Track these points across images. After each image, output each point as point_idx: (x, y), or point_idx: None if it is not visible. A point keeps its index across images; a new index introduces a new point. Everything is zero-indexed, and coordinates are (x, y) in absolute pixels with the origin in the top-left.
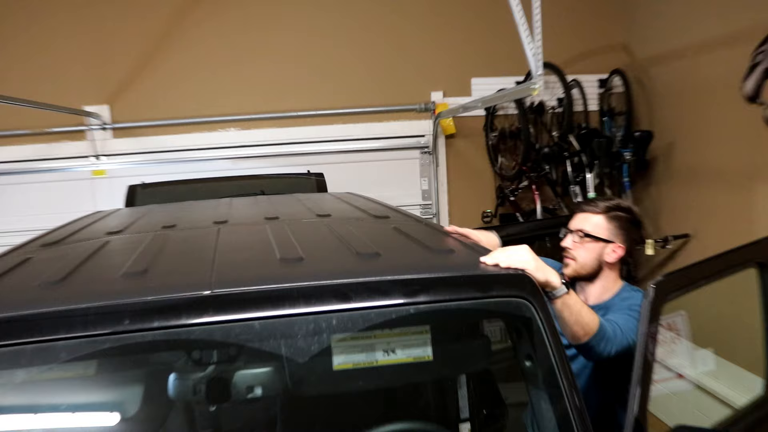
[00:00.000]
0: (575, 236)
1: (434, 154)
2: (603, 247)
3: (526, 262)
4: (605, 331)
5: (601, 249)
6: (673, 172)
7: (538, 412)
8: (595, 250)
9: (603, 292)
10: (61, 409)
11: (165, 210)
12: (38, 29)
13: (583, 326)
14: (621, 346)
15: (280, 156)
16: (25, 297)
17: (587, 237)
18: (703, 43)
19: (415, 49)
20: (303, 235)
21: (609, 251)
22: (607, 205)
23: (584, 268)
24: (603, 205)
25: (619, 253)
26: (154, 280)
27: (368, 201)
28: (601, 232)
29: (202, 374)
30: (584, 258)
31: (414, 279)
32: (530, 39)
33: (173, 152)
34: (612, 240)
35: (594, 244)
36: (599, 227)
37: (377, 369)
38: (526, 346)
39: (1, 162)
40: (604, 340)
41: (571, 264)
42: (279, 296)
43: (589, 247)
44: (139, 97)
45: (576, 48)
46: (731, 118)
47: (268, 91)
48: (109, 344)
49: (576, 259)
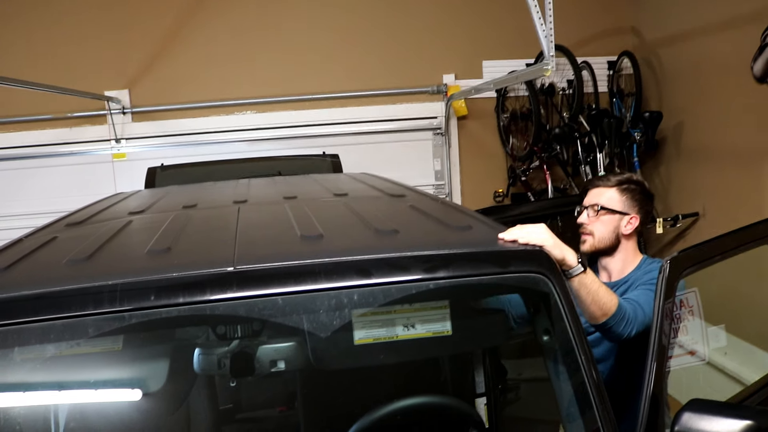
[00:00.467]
0: (590, 211)
1: (446, 135)
2: (619, 219)
3: (543, 239)
4: (624, 312)
5: (618, 221)
6: (682, 152)
7: (556, 386)
8: (612, 222)
9: (624, 266)
10: (88, 383)
11: (185, 191)
12: (61, 18)
13: (600, 306)
14: (643, 325)
15: (296, 138)
16: (53, 274)
17: (603, 210)
18: (711, 24)
19: (428, 33)
20: (322, 214)
21: (625, 223)
22: (619, 179)
23: (602, 242)
24: (615, 179)
25: (635, 224)
26: (178, 257)
27: (384, 180)
28: (616, 204)
29: (226, 349)
30: (601, 232)
31: (433, 255)
32: (542, 21)
33: (191, 135)
34: (627, 212)
35: (610, 217)
36: (613, 200)
37: (397, 343)
38: (543, 321)
39: (25, 146)
40: (624, 321)
41: (589, 239)
42: (301, 272)
43: (605, 221)
44: (158, 81)
45: (585, 30)
46: (740, 98)
47: (283, 74)
48: (135, 320)
49: (593, 234)
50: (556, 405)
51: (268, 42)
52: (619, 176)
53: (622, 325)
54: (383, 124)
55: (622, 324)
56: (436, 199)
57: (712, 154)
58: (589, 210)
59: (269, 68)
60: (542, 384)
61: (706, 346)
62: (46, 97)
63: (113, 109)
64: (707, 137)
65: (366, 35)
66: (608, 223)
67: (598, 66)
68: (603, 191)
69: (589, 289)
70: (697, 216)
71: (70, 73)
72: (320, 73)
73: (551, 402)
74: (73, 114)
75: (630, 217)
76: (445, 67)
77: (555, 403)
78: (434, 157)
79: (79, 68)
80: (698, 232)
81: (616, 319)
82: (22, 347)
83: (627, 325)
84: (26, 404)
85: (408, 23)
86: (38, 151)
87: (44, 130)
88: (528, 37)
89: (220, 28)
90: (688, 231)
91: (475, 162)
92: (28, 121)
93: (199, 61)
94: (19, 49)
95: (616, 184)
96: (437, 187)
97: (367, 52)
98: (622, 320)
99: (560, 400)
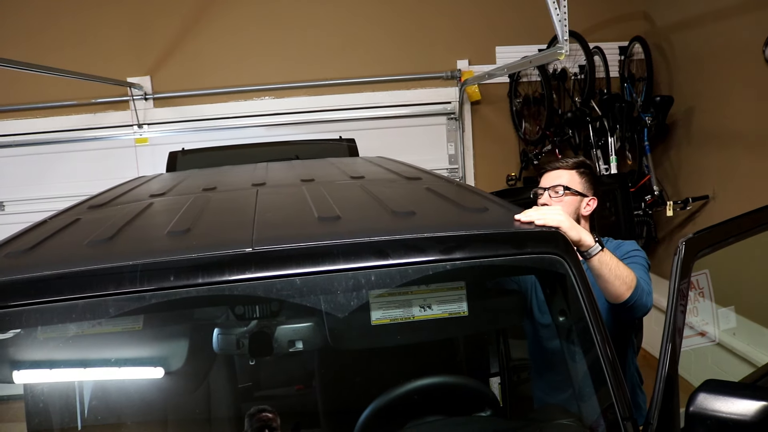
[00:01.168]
0: (552, 192)
1: (460, 119)
2: (579, 200)
3: (560, 221)
4: (641, 283)
5: (578, 203)
6: (693, 136)
7: (572, 367)
8: (573, 204)
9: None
10: (109, 362)
11: (205, 174)
12: (86, 7)
13: (623, 280)
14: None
15: (312, 123)
16: (75, 254)
17: (567, 191)
18: (722, 10)
19: (442, 19)
20: (339, 196)
21: (584, 205)
22: (576, 162)
23: None
24: (572, 162)
25: (593, 205)
26: (197, 238)
27: (399, 164)
28: (578, 186)
29: (245, 329)
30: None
31: (450, 236)
32: (556, 6)
33: (211, 120)
34: (586, 194)
35: (571, 198)
36: (575, 182)
37: (413, 324)
38: (559, 302)
39: (50, 131)
40: (644, 293)
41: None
42: (319, 253)
43: (567, 201)
44: (179, 68)
45: (597, 16)
46: (751, 83)
47: (301, 60)
48: (155, 300)
49: None
50: (570, 383)
51: (286, 29)
52: (574, 159)
53: (644, 296)
54: (398, 109)
55: (644, 295)
56: (452, 181)
57: (722, 138)
58: (550, 191)
59: (287, 54)
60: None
61: (716, 327)
62: (70, 84)
63: (135, 95)
64: (717, 121)
65: (382, 22)
66: (570, 204)
67: (609, 51)
68: (562, 173)
69: (610, 266)
70: (707, 199)
71: (94, 60)
72: (337, 59)
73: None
74: (96, 100)
75: (589, 198)
76: (459, 52)
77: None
78: (448, 141)
79: (103, 55)
80: (708, 215)
81: (638, 291)
82: (46, 326)
83: (647, 295)
84: (49, 382)
85: (423, 10)
86: (63, 136)
87: (69, 116)
88: (541, 22)
89: (240, 16)
90: (698, 214)
91: (488, 146)
92: (54, 107)
93: (219, 48)
94: (45, 36)
95: (575, 167)
96: (451, 170)
97: (383, 38)
98: (642, 291)
99: (575, 379)
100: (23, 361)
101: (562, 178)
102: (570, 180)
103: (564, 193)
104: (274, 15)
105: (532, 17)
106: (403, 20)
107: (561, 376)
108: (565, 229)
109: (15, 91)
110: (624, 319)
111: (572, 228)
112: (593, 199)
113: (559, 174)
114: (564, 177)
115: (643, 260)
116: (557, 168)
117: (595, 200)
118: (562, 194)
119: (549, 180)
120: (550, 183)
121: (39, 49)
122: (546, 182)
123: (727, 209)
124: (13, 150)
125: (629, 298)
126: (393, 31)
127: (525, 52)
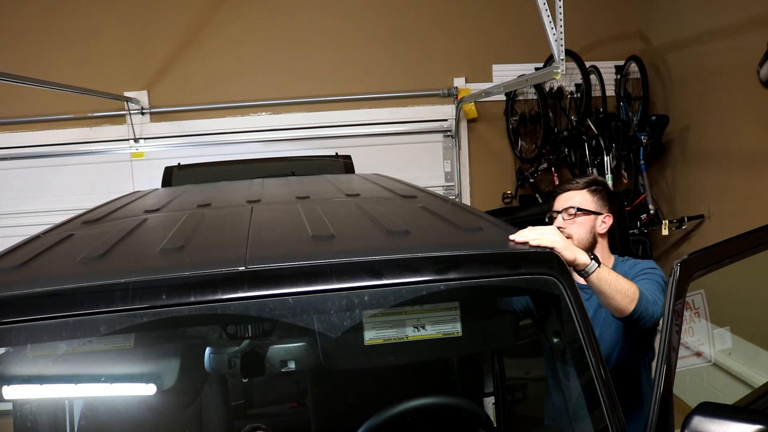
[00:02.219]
0: (565, 215)
1: (456, 137)
2: (594, 219)
3: (554, 241)
4: (644, 294)
5: (593, 221)
6: (688, 155)
7: (566, 388)
8: (588, 223)
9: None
10: (100, 380)
11: (200, 190)
12: (84, 22)
13: (625, 293)
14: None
15: (309, 139)
16: (67, 271)
17: (580, 212)
18: (718, 30)
19: (439, 37)
20: (333, 214)
21: (599, 222)
22: (587, 181)
23: (581, 243)
24: (583, 182)
25: (609, 222)
26: (190, 256)
27: (395, 181)
28: (590, 205)
29: (237, 348)
30: (579, 233)
31: (444, 256)
32: (552, 26)
33: (208, 135)
34: (600, 211)
35: (585, 218)
36: (587, 201)
37: (407, 344)
38: (554, 323)
39: (47, 144)
40: (650, 303)
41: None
42: (312, 272)
43: (581, 222)
44: (175, 83)
45: (593, 35)
46: (746, 103)
47: (298, 77)
48: (147, 318)
49: (572, 237)
50: (564, 404)
51: (283, 45)
52: (586, 178)
53: (650, 307)
54: (395, 126)
55: (650, 306)
56: (447, 200)
57: (717, 158)
58: (564, 214)
59: (284, 71)
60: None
61: (711, 347)
62: (68, 97)
63: (132, 110)
64: (713, 141)
65: (379, 39)
66: (584, 224)
67: (605, 70)
68: (574, 194)
69: (609, 281)
70: (703, 218)
71: (92, 74)
72: (334, 76)
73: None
74: (93, 114)
75: (604, 216)
76: (456, 70)
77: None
78: (444, 159)
79: (100, 69)
80: (703, 235)
81: (643, 302)
82: (36, 344)
83: (651, 306)
84: (39, 400)
85: (420, 28)
86: (59, 150)
87: (66, 129)
88: (537, 41)
89: (238, 32)
90: (693, 233)
91: (484, 164)
92: (51, 120)
93: (216, 64)
94: (43, 50)
95: (586, 186)
96: (447, 188)
97: (380, 55)
98: (648, 302)
99: (569, 400)
100: (13, 378)
101: (574, 199)
102: (582, 200)
103: (577, 214)
104: (272, 31)
105: (529, 36)
106: (401, 38)
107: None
108: (560, 249)
109: (12, 104)
110: (635, 332)
111: (567, 248)
112: (608, 216)
113: (571, 195)
114: (576, 198)
115: (657, 276)
116: (568, 190)
117: (610, 217)
118: (575, 215)
119: (561, 202)
120: (563, 205)
121: (36, 63)
122: (559, 205)
123: (722, 229)
124: (8, 163)
125: (633, 311)
126: (390, 49)
127: (522, 71)
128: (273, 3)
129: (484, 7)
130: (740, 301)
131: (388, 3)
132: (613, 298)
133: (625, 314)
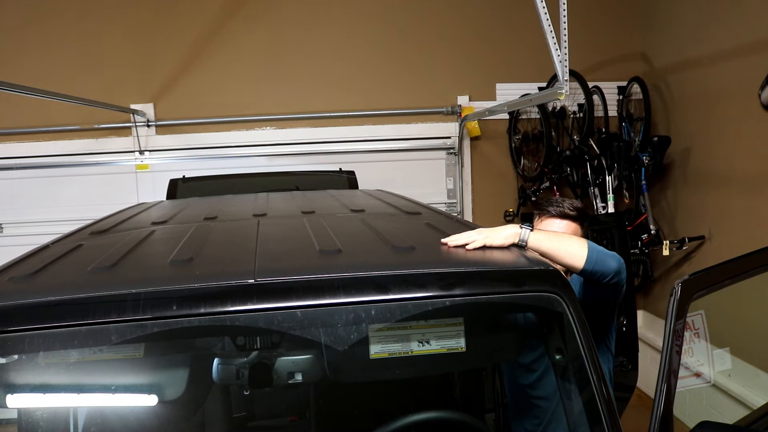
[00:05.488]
0: None
1: (459, 155)
2: None
3: (485, 239)
4: (596, 246)
5: None
6: (690, 176)
7: (567, 404)
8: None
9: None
10: (108, 389)
11: (205, 203)
12: (92, 35)
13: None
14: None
15: (313, 154)
16: (78, 281)
17: None
18: (720, 52)
19: (443, 56)
20: (339, 229)
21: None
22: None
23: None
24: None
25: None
26: (200, 268)
27: (399, 198)
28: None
29: (245, 359)
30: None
31: (450, 272)
32: (557, 46)
33: (213, 149)
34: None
35: None
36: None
37: (412, 358)
38: (556, 340)
39: (52, 155)
40: (603, 253)
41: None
42: (320, 286)
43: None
44: (181, 96)
45: (596, 57)
46: (747, 125)
47: (303, 92)
48: (157, 329)
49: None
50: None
51: (289, 61)
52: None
53: (606, 256)
54: (398, 142)
55: (604, 255)
56: (451, 217)
57: (719, 179)
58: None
59: (289, 87)
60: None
61: (711, 368)
62: (74, 109)
63: (138, 122)
64: (714, 162)
65: (384, 57)
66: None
67: (608, 91)
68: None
69: (551, 240)
70: (703, 239)
71: (98, 86)
72: (339, 92)
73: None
74: (99, 125)
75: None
76: (460, 88)
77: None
78: (447, 176)
79: (107, 82)
80: (704, 256)
81: (596, 252)
82: (46, 352)
83: (609, 256)
84: (47, 408)
85: (425, 46)
86: (65, 161)
87: (71, 141)
88: (540, 61)
89: (243, 47)
90: (694, 254)
91: (486, 181)
92: (57, 131)
93: (221, 78)
94: (50, 61)
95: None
96: (449, 205)
97: (385, 72)
98: (600, 252)
99: (570, 417)
100: (22, 386)
101: (569, 228)
102: (575, 232)
103: None
104: (278, 47)
105: (533, 55)
106: (406, 55)
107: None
108: (491, 243)
109: (19, 115)
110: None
111: (495, 238)
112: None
113: (568, 225)
114: (571, 228)
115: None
116: (566, 218)
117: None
118: None
119: (555, 227)
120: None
121: (43, 74)
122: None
123: (723, 250)
124: (14, 173)
125: (587, 261)
126: (395, 66)
127: (525, 90)
128: (280, 18)
129: (489, 27)
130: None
131: (394, 21)
132: (559, 257)
133: (578, 269)
